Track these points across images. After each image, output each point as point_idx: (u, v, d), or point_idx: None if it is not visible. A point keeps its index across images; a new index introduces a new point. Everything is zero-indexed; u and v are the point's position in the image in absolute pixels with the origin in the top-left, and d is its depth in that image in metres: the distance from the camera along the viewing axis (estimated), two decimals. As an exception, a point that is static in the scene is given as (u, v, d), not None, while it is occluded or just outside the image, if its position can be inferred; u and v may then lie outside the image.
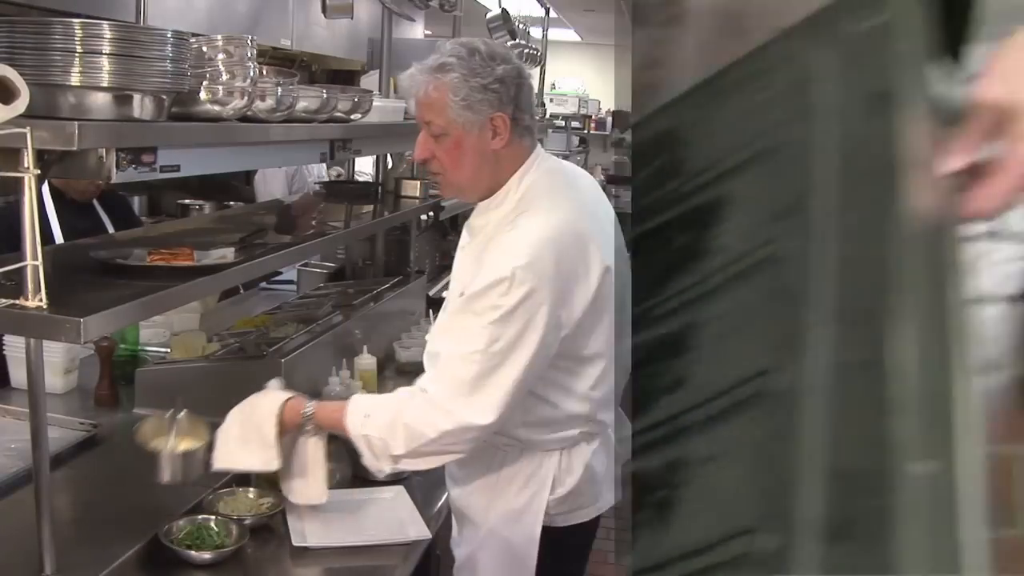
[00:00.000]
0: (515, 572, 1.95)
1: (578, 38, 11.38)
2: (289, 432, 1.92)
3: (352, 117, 2.49)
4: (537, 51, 5.52)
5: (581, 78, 12.63)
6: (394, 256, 3.79)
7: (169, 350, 2.83)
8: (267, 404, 1.92)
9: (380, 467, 1.85)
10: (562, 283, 1.78)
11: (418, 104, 1.86)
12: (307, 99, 2.17)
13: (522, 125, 1.88)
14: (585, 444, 1.94)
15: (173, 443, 1.84)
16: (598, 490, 2.01)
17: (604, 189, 2.30)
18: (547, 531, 1.92)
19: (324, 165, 5.24)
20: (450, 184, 1.94)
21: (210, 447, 1.87)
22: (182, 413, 1.90)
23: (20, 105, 1.28)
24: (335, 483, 2.29)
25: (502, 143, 1.86)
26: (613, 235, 1.94)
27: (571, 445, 1.93)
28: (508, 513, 1.92)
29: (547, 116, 7.59)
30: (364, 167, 4.99)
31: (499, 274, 1.74)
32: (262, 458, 1.89)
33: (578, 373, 1.88)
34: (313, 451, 1.95)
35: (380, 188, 3.50)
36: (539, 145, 1.97)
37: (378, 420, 1.78)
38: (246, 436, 1.90)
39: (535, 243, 1.77)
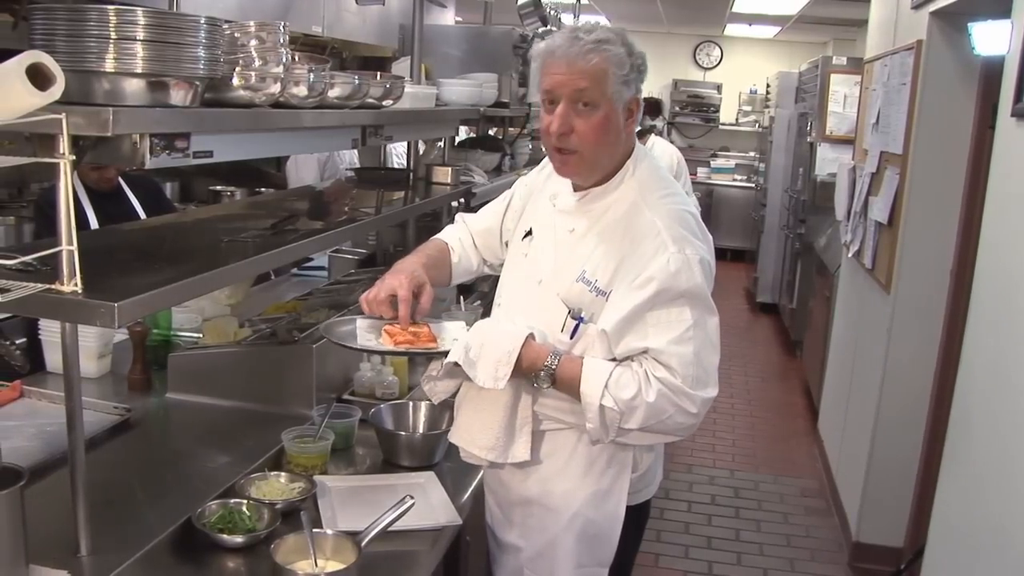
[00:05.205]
0: (598, 552, 1.98)
1: (609, 24, 11.33)
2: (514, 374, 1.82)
3: (384, 103, 2.48)
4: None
5: (612, 64, 12.46)
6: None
7: (201, 335, 2.85)
8: (514, 333, 1.82)
9: (603, 437, 1.83)
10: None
11: (573, 72, 1.78)
12: (339, 85, 2.17)
13: (640, 110, 1.90)
14: None
15: (320, 566, 1.74)
16: (658, 469, 2.11)
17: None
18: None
19: (356, 151, 5.23)
20: (584, 162, 1.87)
21: (358, 567, 1.74)
22: (322, 531, 1.83)
23: (56, 91, 1.28)
24: (366, 468, 2.30)
25: (632, 126, 1.88)
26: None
27: None
28: (595, 494, 1.95)
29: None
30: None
31: (659, 256, 1.77)
32: (493, 375, 1.79)
33: None
34: (523, 410, 1.91)
35: (411, 174, 3.50)
36: None
37: (620, 394, 1.76)
38: (483, 349, 1.81)
39: (675, 221, 1.82)
